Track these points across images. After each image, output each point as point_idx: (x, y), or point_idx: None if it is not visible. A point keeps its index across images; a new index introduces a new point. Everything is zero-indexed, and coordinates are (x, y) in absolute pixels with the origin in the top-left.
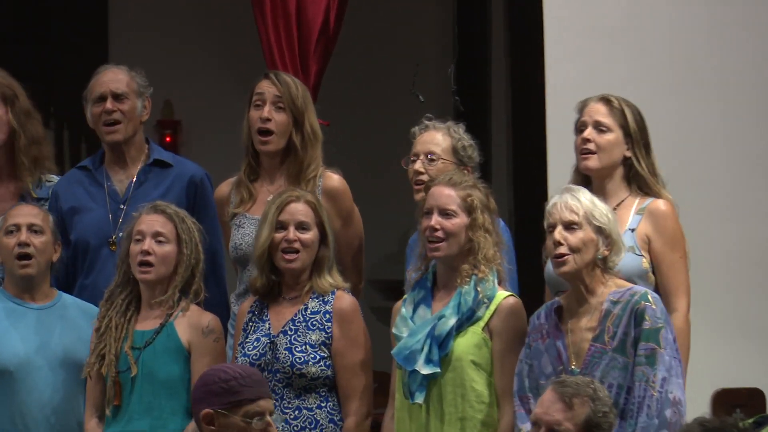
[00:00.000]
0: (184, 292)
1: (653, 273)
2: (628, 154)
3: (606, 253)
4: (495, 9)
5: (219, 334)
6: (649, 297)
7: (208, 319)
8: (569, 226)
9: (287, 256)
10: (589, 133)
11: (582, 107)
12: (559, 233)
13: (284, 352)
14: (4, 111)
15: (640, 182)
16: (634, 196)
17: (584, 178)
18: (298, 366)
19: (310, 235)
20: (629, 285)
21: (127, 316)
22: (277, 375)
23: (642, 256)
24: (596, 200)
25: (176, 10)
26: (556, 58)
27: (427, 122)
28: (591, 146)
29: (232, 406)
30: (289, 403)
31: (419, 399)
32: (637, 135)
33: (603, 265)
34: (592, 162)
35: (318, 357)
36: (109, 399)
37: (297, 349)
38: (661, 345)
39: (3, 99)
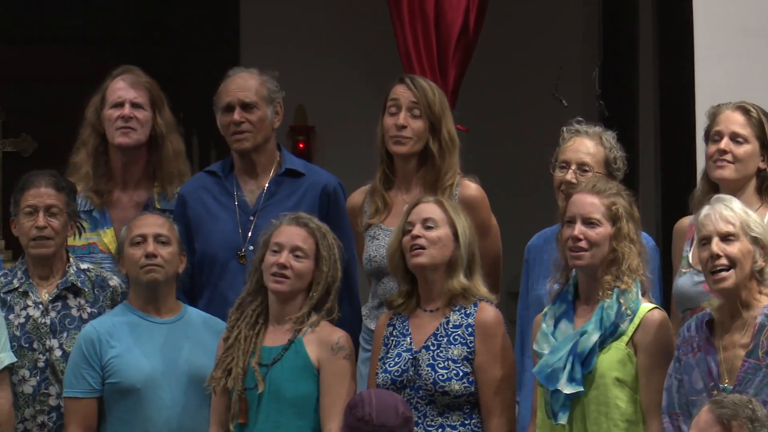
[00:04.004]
0: (317, 309)
1: None
2: (763, 165)
3: (762, 264)
4: (643, 9)
5: (349, 351)
6: None
7: (338, 335)
8: (726, 237)
9: (413, 252)
10: (726, 144)
11: (715, 115)
12: (716, 245)
13: (426, 368)
14: (150, 115)
15: None
16: (766, 207)
17: (713, 187)
18: (441, 383)
19: (437, 233)
20: None
21: (255, 330)
22: (420, 392)
23: None
24: (748, 209)
25: (311, 14)
26: (707, 60)
27: (577, 126)
28: (728, 157)
29: None
30: (432, 420)
31: (562, 420)
32: None
33: (760, 276)
34: (728, 172)
35: (461, 373)
36: (233, 415)
37: (440, 366)
38: None
39: (151, 103)
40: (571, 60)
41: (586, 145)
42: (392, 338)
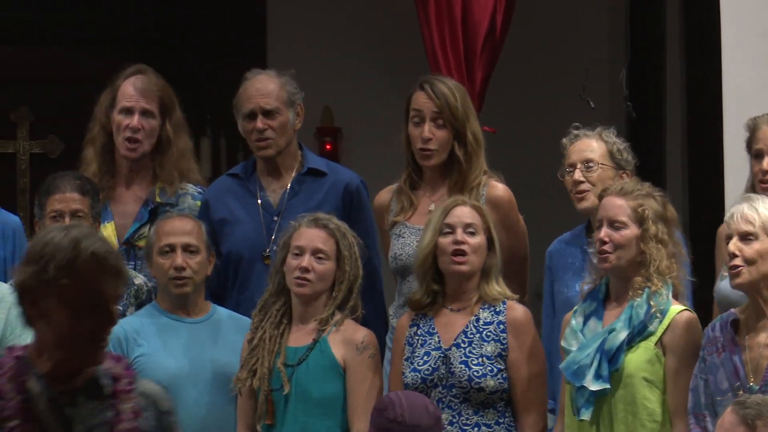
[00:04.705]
0: (340, 308)
1: None
2: None
3: None
4: (670, 10)
5: (374, 350)
6: None
7: (363, 334)
8: (745, 236)
9: (457, 259)
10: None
11: (753, 129)
12: (733, 244)
13: (460, 365)
14: (159, 123)
15: None
16: None
17: None
18: (477, 380)
19: (478, 240)
20: None
21: (279, 330)
22: (453, 390)
23: None
24: None
25: (337, 15)
26: (734, 61)
27: (575, 131)
28: None
29: None
30: (467, 419)
31: (585, 416)
32: None
33: None
34: None
35: (495, 369)
36: (260, 416)
37: (473, 362)
38: None
39: (161, 110)
40: (597, 61)
41: (588, 144)
42: (417, 338)
